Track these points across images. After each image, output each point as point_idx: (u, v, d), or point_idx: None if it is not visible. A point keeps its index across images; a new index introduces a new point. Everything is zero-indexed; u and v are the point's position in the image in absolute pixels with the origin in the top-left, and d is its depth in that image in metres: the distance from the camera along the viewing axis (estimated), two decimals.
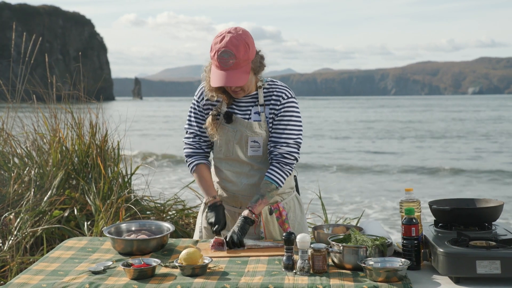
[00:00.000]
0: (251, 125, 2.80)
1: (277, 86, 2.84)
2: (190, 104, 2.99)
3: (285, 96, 2.81)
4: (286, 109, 2.80)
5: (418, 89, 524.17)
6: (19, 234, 4.34)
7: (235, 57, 2.64)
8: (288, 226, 2.87)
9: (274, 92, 2.82)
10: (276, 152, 2.77)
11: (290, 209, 2.94)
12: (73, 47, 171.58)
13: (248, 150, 2.82)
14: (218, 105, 2.87)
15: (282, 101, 2.80)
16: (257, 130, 2.80)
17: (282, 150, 2.77)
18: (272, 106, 2.81)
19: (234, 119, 2.82)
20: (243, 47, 2.66)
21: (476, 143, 28.34)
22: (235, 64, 2.65)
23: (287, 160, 2.77)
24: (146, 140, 28.76)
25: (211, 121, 2.84)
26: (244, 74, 2.68)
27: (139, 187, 5.28)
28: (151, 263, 2.27)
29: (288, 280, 2.15)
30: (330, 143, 29.19)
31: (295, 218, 2.95)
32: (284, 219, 2.87)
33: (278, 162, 2.77)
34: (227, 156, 2.86)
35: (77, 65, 5.75)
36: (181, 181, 6.91)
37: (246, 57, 2.67)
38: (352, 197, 13.02)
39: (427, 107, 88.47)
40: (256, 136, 2.80)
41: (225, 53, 2.64)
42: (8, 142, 5.40)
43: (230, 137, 2.83)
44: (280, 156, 2.77)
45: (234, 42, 2.65)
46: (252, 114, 2.82)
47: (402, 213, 2.37)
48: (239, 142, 2.82)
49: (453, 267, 2.09)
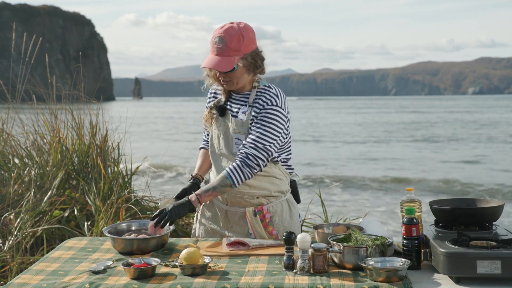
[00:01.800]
0: (235, 122, 2.86)
1: (269, 92, 2.84)
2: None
3: (270, 103, 2.79)
4: (266, 114, 2.78)
5: (418, 89, 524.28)
6: (19, 234, 4.34)
7: (226, 44, 2.73)
8: (272, 229, 2.88)
9: (264, 97, 2.82)
10: (242, 151, 2.76)
11: (276, 212, 2.91)
12: (73, 47, 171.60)
13: (233, 146, 2.87)
14: (217, 100, 2.98)
15: (266, 106, 2.79)
16: (240, 128, 2.84)
17: (248, 151, 2.74)
18: (256, 109, 2.82)
19: (226, 113, 2.90)
20: (236, 38, 2.74)
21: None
22: (224, 51, 2.74)
23: (250, 162, 2.73)
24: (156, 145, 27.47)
25: (207, 113, 2.97)
26: (229, 63, 2.74)
27: (139, 187, 5.28)
28: (151, 263, 2.27)
29: (288, 280, 2.15)
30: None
31: (281, 222, 2.91)
32: (267, 222, 2.88)
33: (240, 161, 2.74)
34: (218, 149, 2.94)
35: (77, 65, 5.76)
36: (181, 182, 6.92)
37: (237, 47, 2.74)
38: (352, 198, 13.03)
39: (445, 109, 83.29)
40: (239, 134, 2.85)
41: (218, 38, 2.76)
42: (8, 142, 5.40)
43: (220, 131, 2.91)
44: (244, 155, 2.74)
45: (230, 31, 2.75)
46: (240, 113, 2.87)
47: (403, 213, 2.37)
48: (226, 137, 2.89)
49: (454, 267, 2.09)
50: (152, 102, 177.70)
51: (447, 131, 37.09)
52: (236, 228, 2.91)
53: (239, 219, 2.90)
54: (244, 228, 2.89)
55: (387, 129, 40.04)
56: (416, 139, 31.19)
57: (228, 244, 2.61)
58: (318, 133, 36.11)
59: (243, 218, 2.88)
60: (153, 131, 38.23)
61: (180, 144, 28.03)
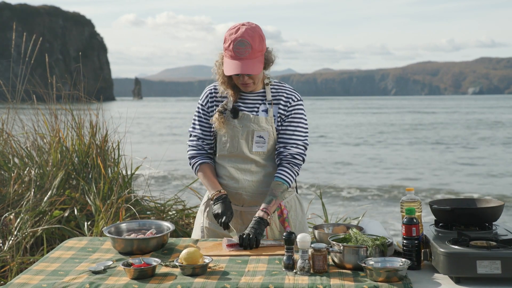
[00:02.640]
0: (258, 120, 2.84)
1: (286, 88, 2.92)
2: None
3: (295, 99, 2.89)
4: (296, 111, 2.88)
5: (418, 89, 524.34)
6: (19, 234, 4.33)
7: (251, 46, 2.72)
8: (287, 225, 2.89)
9: (284, 93, 2.89)
10: (286, 153, 2.83)
11: (292, 208, 2.96)
12: (73, 47, 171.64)
13: (253, 145, 2.85)
14: (224, 102, 2.90)
15: (292, 103, 2.87)
16: (264, 125, 2.84)
17: (292, 151, 2.83)
18: (281, 107, 2.86)
19: (241, 114, 2.86)
20: (258, 38, 2.75)
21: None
22: (251, 53, 2.73)
23: (296, 161, 2.84)
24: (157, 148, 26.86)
25: (217, 117, 2.86)
26: (258, 63, 2.76)
27: (139, 187, 5.29)
28: (151, 263, 2.27)
29: (288, 280, 2.15)
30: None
31: (296, 217, 2.97)
32: (285, 218, 2.90)
33: (288, 163, 2.83)
34: (231, 152, 2.88)
35: (77, 65, 5.76)
36: (181, 182, 6.92)
37: (260, 47, 2.76)
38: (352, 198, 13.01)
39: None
40: (262, 131, 2.84)
41: (241, 42, 2.72)
42: (8, 142, 5.40)
43: (236, 133, 2.86)
44: (290, 156, 2.83)
45: (250, 33, 2.74)
46: (260, 111, 2.87)
47: (403, 213, 2.37)
48: (244, 137, 2.85)
49: (454, 267, 2.09)
50: (152, 102, 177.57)
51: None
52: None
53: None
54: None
55: (403, 129, 38.89)
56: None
57: (229, 245, 2.61)
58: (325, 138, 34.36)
59: None
60: (153, 131, 38.24)
61: (180, 144, 28.03)
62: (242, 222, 2.92)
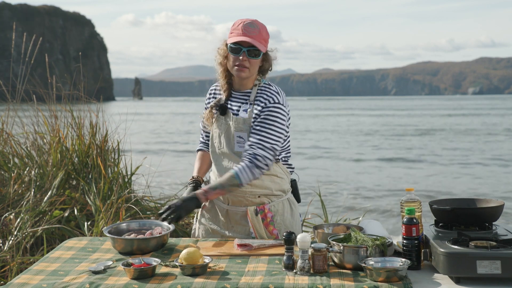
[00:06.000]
0: (236, 120, 2.85)
1: (270, 89, 2.86)
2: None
3: (272, 101, 2.81)
4: (270, 113, 2.79)
5: (419, 89, 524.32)
6: (19, 234, 4.33)
7: (259, 30, 2.78)
8: (273, 228, 2.87)
9: (265, 94, 2.84)
10: (250, 152, 2.75)
11: (278, 212, 2.91)
12: (73, 47, 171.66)
13: (235, 144, 2.86)
14: (218, 99, 2.97)
15: (268, 104, 2.80)
16: (241, 125, 2.83)
17: (256, 152, 2.74)
18: (258, 107, 2.82)
19: (228, 112, 2.89)
20: (265, 30, 2.82)
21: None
22: (258, 35, 2.77)
23: (259, 163, 2.73)
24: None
25: (208, 113, 2.96)
26: (262, 47, 2.78)
27: (139, 187, 5.28)
28: (151, 263, 2.27)
29: (288, 280, 2.15)
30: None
31: (282, 221, 2.91)
32: (269, 221, 2.87)
33: (249, 161, 2.74)
34: (219, 149, 2.92)
35: (77, 65, 5.76)
36: (182, 181, 6.91)
37: (266, 37, 2.81)
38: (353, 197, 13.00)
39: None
40: (241, 132, 2.84)
41: (250, 23, 2.79)
42: (8, 142, 5.40)
43: (222, 130, 2.90)
44: (253, 156, 2.74)
45: (259, 22, 2.81)
46: (241, 111, 2.87)
47: (403, 213, 2.37)
48: (227, 136, 2.88)
49: (454, 267, 2.09)
50: (152, 102, 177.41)
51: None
52: (237, 227, 2.90)
53: (240, 218, 2.89)
54: (245, 228, 2.88)
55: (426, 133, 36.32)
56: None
57: (239, 245, 2.60)
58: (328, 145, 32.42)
59: (244, 217, 2.88)
60: (153, 131, 38.23)
61: (180, 144, 28.02)
62: (229, 220, 2.93)
